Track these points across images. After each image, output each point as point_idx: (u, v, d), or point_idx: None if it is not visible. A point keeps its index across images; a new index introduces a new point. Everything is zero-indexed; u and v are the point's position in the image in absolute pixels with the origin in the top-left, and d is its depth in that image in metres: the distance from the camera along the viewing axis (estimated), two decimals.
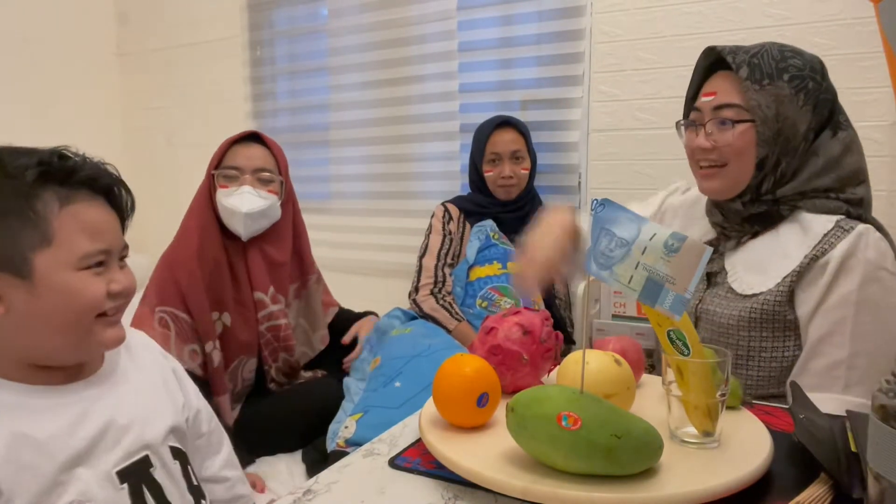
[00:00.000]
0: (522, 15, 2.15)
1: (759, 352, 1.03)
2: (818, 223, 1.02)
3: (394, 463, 0.74)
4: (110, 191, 0.81)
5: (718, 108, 1.06)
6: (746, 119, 1.03)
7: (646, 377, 0.93)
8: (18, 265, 0.73)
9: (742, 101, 1.03)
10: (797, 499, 0.62)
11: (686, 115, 1.14)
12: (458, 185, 2.29)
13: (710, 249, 0.65)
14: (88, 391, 0.81)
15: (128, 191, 0.83)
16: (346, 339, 1.77)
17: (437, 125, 2.33)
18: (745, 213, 1.08)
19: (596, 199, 0.72)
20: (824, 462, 0.65)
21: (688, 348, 0.70)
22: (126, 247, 0.83)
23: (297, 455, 1.54)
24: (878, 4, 1.25)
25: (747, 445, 0.70)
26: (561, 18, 2.09)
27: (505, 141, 1.96)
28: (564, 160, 2.13)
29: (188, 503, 0.86)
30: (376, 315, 1.79)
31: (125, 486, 0.79)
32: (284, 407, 1.61)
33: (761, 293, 1.02)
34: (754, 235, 1.09)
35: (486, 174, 1.98)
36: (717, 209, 1.13)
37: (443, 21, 2.27)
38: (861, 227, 0.98)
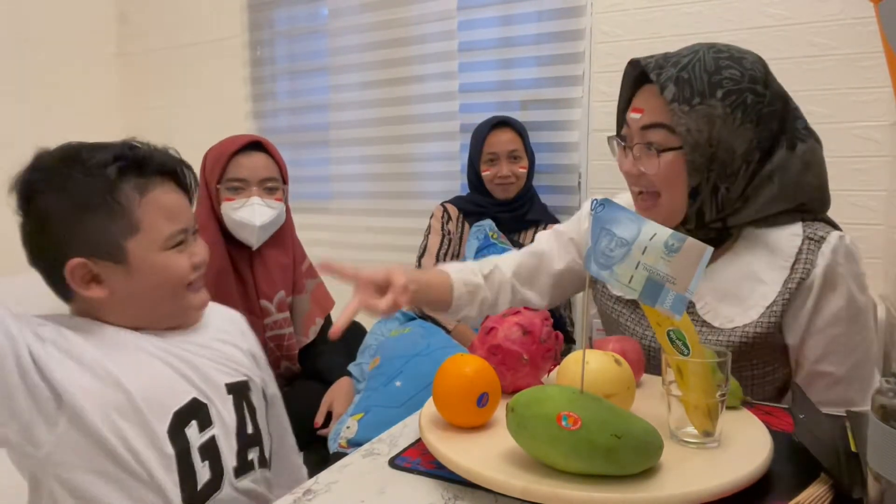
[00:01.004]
0: (522, 15, 2.15)
1: (751, 379, 0.98)
2: (783, 240, 0.95)
3: (394, 463, 0.74)
4: (176, 172, 0.90)
5: (645, 127, 0.96)
6: (673, 147, 0.93)
7: (646, 377, 0.93)
8: (114, 253, 0.83)
9: (669, 121, 0.92)
10: (797, 499, 0.62)
11: (619, 130, 1.05)
12: (458, 185, 2.29)
13: (710, 249, 0.65)
14: (190, 335, 0.93)
15: (190, 170, 0.92)
16: (319, 419, 1.54)
17: (437, 125, 2.33)
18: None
19: (596, 199, 0.72)
20: (824, 462, 0.65)
21: (688, 348, 0.70)
22: (197, 220, 0.93)
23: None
24: (878, 4, 1.25)
25: (747, 445, 0.70)
26: (561, 18, 2.09)
27: (502, 141, 1.96)
28: (564, 160, 2.13)
29: (266, 434, 0.98)
30: (350, 375, 1.66)
31: (231, 397, 0.91)
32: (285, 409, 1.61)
33: (745, 325, 0.95)
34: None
35: (483, 174, 1.98)
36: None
37: (443, 21, 2.27)
38: (831, 237, 0.93)
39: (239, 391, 0.93)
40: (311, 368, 1.71)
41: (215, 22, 2.74)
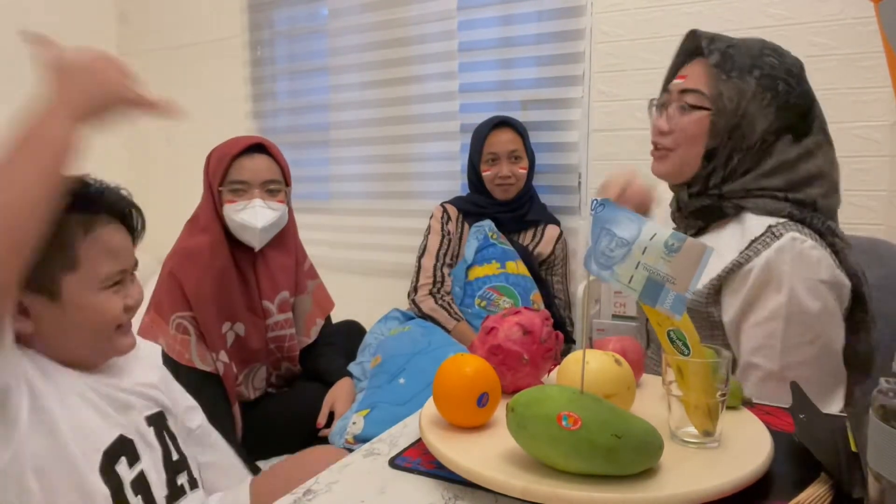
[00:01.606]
0: (522, 15, 2.15)
1: None
2: (753, 226, 0.99)
3: (394, 463, 0.74)
4: (125, 214, 0.89)
5: (684, 91, 1.05)
6: (704, 106, 1.03)
7: (646, 377, 0.93)
8: (48, 288, 0.81)
9: (706, 88, 1.03)
10: (797, 499, 0.62)
11: (660, 96, 1.14)
12: (458, 185, 2.29)
13: (710, 249, 0.65)
14: (110, 372, 0.91)
15: (140, 213, 0.92)
16: (322, 420, 1.57)
17: (437, 125, 2.33)
18: (691, 206, 1.08)
19: (596, 199, 0.72)
20: (824, 462, 0.65)
21: (688, 348, 0.70)
22: (136, 262, 0.91)
23: None
24: (879, 4, 1.25)
25: (747, 445, 0.70)
26: (561, 18, 2.09)
27: (502, 141, 1.96)
28: (564, 160, 2.13)
29: (191, 457, 0.98)
30: (351, 375, 1.68)
31: (152, 428, 0.91)
32: (285, 409, 1.61)
33: None
34: (698, 231, 1.08)
35: (483, 174, 1.98)
36: (675, 199, 1.13)
37: (443, 21, 2.27)
38: (788, 235, 0.95)
39: (157, 422, 0.93)
40: (311, 369, 1.71)
41: (215, 22, 2.74)
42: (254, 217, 1.51)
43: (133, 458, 0.86)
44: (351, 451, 0.90)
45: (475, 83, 2.26)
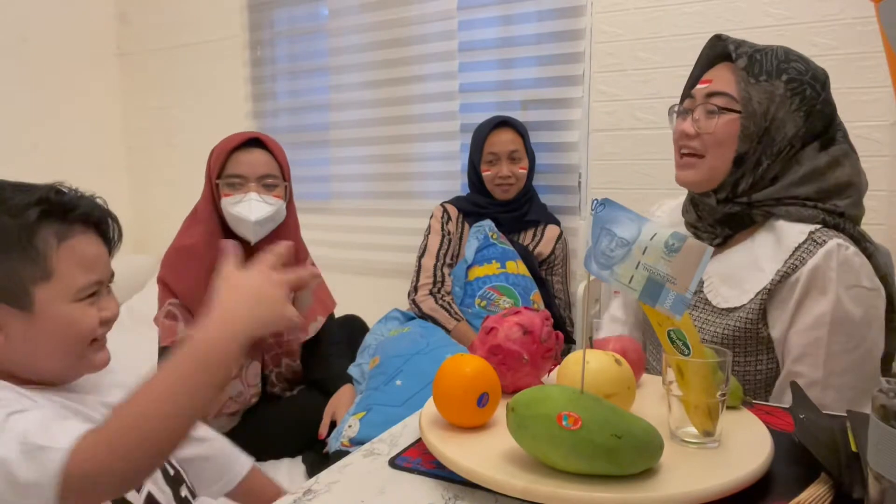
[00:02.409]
0: (522, 15, 2.15)
1: (733, 367, 1.01)
2: (791, 234, 0.99)
3: (394, 463, 0.74)
4: (101, 223, 0.86)
5: (710, 95, 1.04)
6: (734, 109, 1.01)
7: (646, 377, 0.93)
8: (20, 298, 0.78)
9: (735, 92, 1.01)
10: (797, 499, 0.62)
11: (681, 103, 1.13)
12: (458, 185, 2.29)
13: (710, 249, 0.65)
14: (77, 393, 0.85)
15: (116, 222, 0.88)
16: (323, 430, 1.55)
17: (438, 125, 2.33)
18: (718, 213, 1.06)
19: (596, 199, 0.72)
20: (825, 462, 0.65)
21: (688, 348, 0.70)
22: (113, 274, 0.88)
23: (298, 459, 1.54)
24: (879, 4, 1.25)
25: (748, 445, 0.70)
26: (561, 18, 2.09)
27: (503, 141, 1.96)
28: (564, 160, 2.13)
29: (182, 472, 0.94)
30: (352, 381, 1.67)
31: None
32: (285, 412, 1.61)
33: (737, 308, 1.00)
34: (725, 240, 1.07)
35: (483, 174, 1.98)
36: (693, 207, 1.11)
37: (443, 21, 2.27)
38: (834, 241, 0.95)
39: None
40: (314, 374, 1.71)
41: (215, 22, 2.74)
42: (248, 210, 1.51)
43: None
44: (347, 453, 0.89)
45: (475, 83, 2.26)
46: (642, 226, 0.68)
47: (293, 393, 1.69)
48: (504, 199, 2.00)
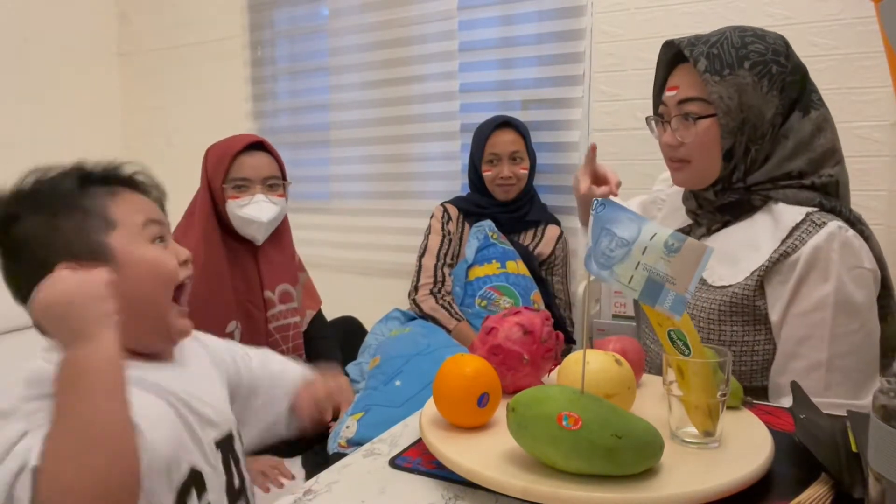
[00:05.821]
0: (522, 15, 2.15)
1: (731, 345, 1.02)
2: (789, 215, 0.99)
3: (394, 463, 0.74)
4: (140, 184, 0.88)
5: (682, 102, 1.05)
6: (709, 114, 1.02)
7: (646, 377, 0.93)
8: (98, 250, 0.78)
9: (703, 93, 1.02)
10: (798, 499, 0.62)
11: (655, 110, 1.14)
12: (459, 185, 2.28)
13: (710, 249, 0.65)
14: (167, 371, 0.85)
15: (149, 176, 0.89)
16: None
17: (438, 125, 2.33)
18: (717, 203, 1.07)
19: (596, 199, 0.72)
20: (825, 462, 0.65)
21: (688, 348, 0.70)
22: (168, 224, 0.88)
23: (297, 459, 1.54)
24: (879, 4, 1.24)
25: (748, 445, 0.70)
26: (561, 18, 2.09)
27: (504, 141, 1.96)
28: (564, 160, 2.13)
29: (248, 480, 0.93)
30: (348, 376, 1.66)
31: (219, 453, 0.85)
32: None
33: (731, 285, 1.01)
34: (725, 225, 1.08)
35: (484, 174, 1.98)
36: (693, 196, 1.13)
37: (443, 21, 2.27)
38: (833, 224, 0.96)
39: (225, 446, 0.88)
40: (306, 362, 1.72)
41: (215, 22, 2.74)
42: (259, 211, 1.56)
43: (201, 490, 0.81)
44: (345, 454, 0.89)
45: (475, 83, 2.25)
46: (642, 226, 0.68)
47: None
48: (505, 199, 2.00)
